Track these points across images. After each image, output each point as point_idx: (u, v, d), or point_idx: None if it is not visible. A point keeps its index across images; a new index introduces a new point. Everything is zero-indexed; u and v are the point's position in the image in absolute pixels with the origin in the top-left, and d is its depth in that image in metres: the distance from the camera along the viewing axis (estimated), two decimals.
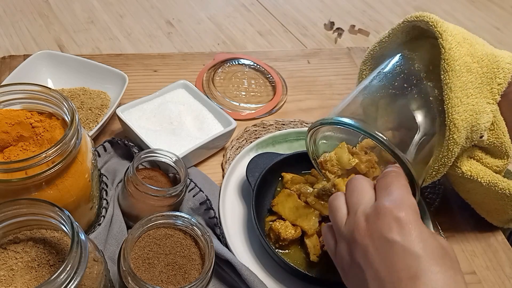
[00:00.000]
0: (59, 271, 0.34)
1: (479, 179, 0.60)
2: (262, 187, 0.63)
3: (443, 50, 0.54)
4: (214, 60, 0.88)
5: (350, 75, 0.92)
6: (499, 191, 0.61)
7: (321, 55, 0.96)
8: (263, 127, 0.78)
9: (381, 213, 0.42)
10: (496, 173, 0.62)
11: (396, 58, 0.60)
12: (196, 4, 1.05)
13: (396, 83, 0.56)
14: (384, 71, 0.59)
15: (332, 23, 1.06)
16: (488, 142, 0.59)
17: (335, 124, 0.53)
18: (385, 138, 0.49)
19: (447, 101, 0.53)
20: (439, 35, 0.54)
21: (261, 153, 0.66)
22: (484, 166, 0.61)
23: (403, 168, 0.49)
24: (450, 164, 0.56)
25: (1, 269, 0.39)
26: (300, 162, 0.67)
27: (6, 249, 0.40)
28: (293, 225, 0.59)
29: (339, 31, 1.04)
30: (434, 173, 0.57)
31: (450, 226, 0.70)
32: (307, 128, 0.58)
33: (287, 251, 0.59)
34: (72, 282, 0.35)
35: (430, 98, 0.55)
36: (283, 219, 0.60)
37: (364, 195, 0.46)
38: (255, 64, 0.89)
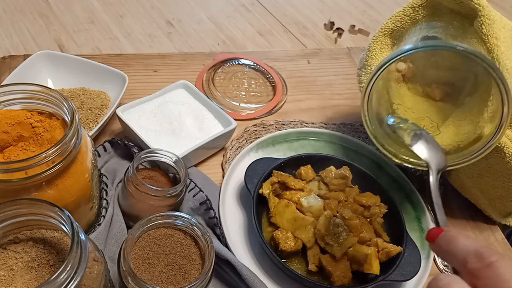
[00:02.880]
0: (59, 271, 0.34)
1: (505, 149, 0.60)
2: (261, 194, 0.62)
3: (481, 8, 0.57)
4: (214, 60, 0.88)
5: (350, 75, 0.92)
6: None
7: (321, 55, 0.96)
8: (263, 127, 0.78)
9: None
10: None
11: (425, 24, 0.62)
12: (196, 4, 1.05)
13: (447, 30, 0.59)
14: (428, 27, 0.61)
15: (332, 23, 1.06)
16: None
17: (430, 48, 0.52)
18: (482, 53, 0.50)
19: (496, 49, 0.55)
20: None
21: (258, 159, 0.66)
22: (508, 139, 0.61)
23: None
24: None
25: (1, 269, 0.39)
26: (297, 166, 0.67)
27: (6, 249, 0.40)
28: (295, 236, 0.59)
29: (339, 31, 1.04)
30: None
31: (450, 226, 0.69)
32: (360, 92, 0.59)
33: (287, 260, 0.59)
34: (72, 282, 0.35)
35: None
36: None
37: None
38: (255, 64, 0.89)
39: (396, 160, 0.60)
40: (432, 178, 0.46)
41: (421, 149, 0.51)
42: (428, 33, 0.61)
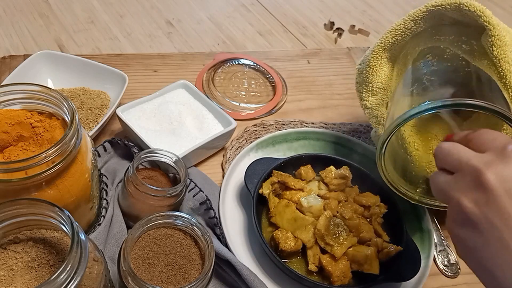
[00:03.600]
0: (59, 271, 0.34)
1: None
2: (261, 194, 0.62)
3: (491, 26, 0.54)
4: (214, 60, 0.88)
5: (350, 75, 0.92)
6: None
7: (321, 55, 0.96)
8: (263, 127, 0.78)
9: None
10: None
11: (433, 49, 0.60)
12: (196, 4, 1.05)
13: (449, 70, 0.56)
14: (427, 60, 0.59)
15: (332, 23, 1.06)
16: None
17: (428, 111, 0.50)
18: (488, 103, 0.48)
19: (508, 75, 0.53)
20: (481, 14, 0.54)
21: (258, 159, 0.66)
22: None
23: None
24: None
25: (1, 269, 0.39)
26: (297, 166, 0.67)
27: (6, 249, 0.40)
28: (295, 236, 0.59)
29: (339, 31, 1.04)
30: None
31: None
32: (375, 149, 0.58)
33: (287, 261, 0.59)
34: (72, 282, 0.35)
35: (483, 81, 0.55)
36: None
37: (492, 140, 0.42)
38: (255, 64, 0.89)
39: (413, 202, 0.60)
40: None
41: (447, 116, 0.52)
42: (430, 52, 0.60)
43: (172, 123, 0.69)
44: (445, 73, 0.58)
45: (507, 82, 0.53)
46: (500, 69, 0.53)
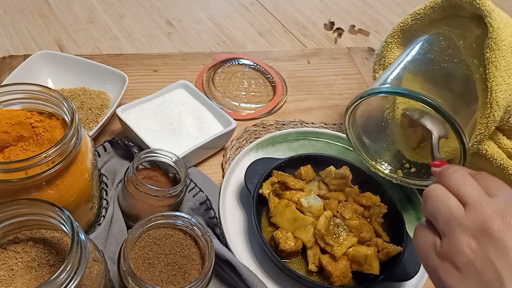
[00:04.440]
0: (59, 271, 0.34)
1: (492, 159, 0.61)
2: (261, 194, 0.62)
3: (491, 28, 0.55)
4: (214, 60, 0.88)
5: (350, 75, 0.92)
6: (508, 177, 0.61)
7: (321, 55, 0.96)
8: (263, 127, 0.78)
9: None
10: (509, 158, 0.62)
11: (438, 34, 0.62)
12: (196, 4, 1.05)
13: (441, 59, 0.58)
14: (427, 45, 0.61)
15: (332, 23, 1.06)
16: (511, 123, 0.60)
17: (391, 94, 0.55)
18: (438, 102, 0.50)
19: (492, 79, 0.54)
20: (487, 14, 0.55)
21: (258, 159, 0.66)
22: (500, 148, 0.62)
23: (454, 130, 0.50)
24: (483, 142, 0.57)
25: (1, 269, 0.39)
26: (297, 166, 0.67)
27: (6, 249, 0.40)
28: (295, 236, 0.59)
29: (339, 31, 1.04)
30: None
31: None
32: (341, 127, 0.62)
33: (287, 261, 0.59)
34: (72, 282, 0.35)
35: (477, 76, 0.56)
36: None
37: (476, 187, 0.41)
38: (255, 64, 0.89)
39: (373, 169, 0.65)
40: (434, 141, 0.52)
41: (427, 121, 0.54)
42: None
43: (172, 123, 0.69)
44: (423, 64, 0.60)
45: (488, 85, 0.54)
46: (488, 71, 0.54)
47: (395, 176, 0.64)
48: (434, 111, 0.51)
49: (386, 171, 0.65)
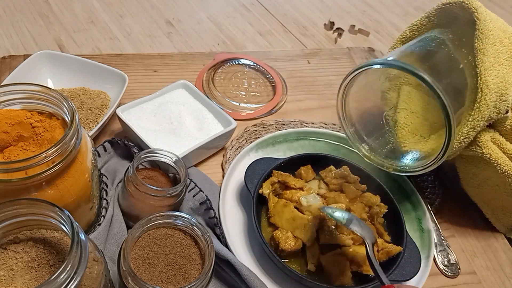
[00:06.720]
0: (59, 271, 0.34)
1: (496, 165, 0.61)
2: (261, 194, 0.62)
3: (478, 21, 0.58)
4: (214, 60, 0.88)
5: None
6: (510, 186, 0.62)
7: (321, 55, 0.96)
8: (263, 127, 0.78)
9: None
10: None
11: (433, 31, 0.66)
12: (196, 4, 1.05)
13: (432, 44, 0.61)
14: (420, 39, 0.64)
15: (332, 23, 1.06)
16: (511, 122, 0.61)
17: (386, 66, 0.56)
18: (426, 74, 0.52)
19: (480, 64, 0.56)
20: (474, 10, 0.59)
21: (258, 159, 0.66)
22: (504, 153, 0.62)
23: (440, 102, 0.51)
24: (479, 129, 0.58)
25: (1, 269, 0.39)
26: (297, 166, 0.67)
27: (6, 249, 0.40)
28: (295, 236, 0.59)
29: (339, 31, 1.04)
30: (462, 138, 0.59)
31: (450, 226, 0.70)
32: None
33: (287, 261, 0.59)
34: (72, 282, 0.35)
35: (465, 61, 0.59)
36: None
37: None
38: (255, 64, 0.89)
39: (367, 160, 0.67)
40: (369, 249, 0.52)
41: (356, 228, 0.54)
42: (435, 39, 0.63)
43: (172, 123, 0.69)
44: (423, 49, 0.62)
45: (478, 70, 0.57)
46: (477, 58, 0.57)
47: (390, 163, 0.65)
48: (422, 81, 0.53)
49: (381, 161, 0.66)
